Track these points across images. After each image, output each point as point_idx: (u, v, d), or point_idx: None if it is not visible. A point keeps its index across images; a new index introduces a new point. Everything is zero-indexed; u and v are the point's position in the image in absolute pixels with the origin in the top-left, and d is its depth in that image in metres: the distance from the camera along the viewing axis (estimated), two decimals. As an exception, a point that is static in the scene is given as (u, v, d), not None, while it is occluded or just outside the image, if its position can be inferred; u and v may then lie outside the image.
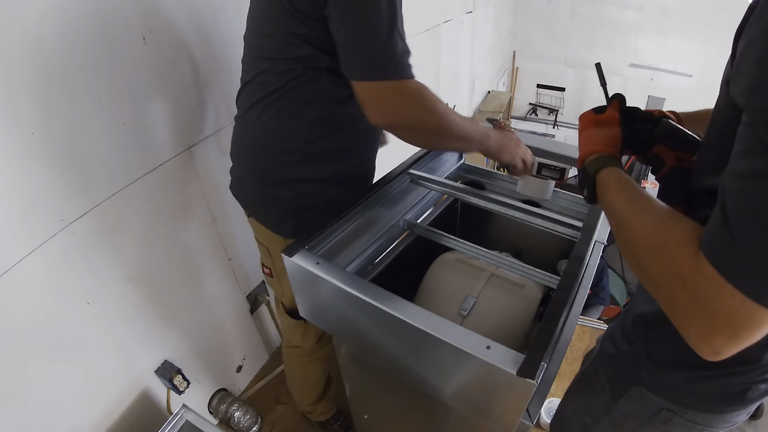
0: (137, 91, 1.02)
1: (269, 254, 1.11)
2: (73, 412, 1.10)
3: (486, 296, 1.05)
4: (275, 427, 1.69)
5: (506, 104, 4.49)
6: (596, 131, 0.67)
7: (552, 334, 0.66)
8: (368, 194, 1.00)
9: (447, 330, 0.67)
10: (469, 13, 3.35)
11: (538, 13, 4.84)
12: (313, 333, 1.23)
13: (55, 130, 0.88)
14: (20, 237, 0.89)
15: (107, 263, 1.08)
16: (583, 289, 0.91)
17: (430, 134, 0.83)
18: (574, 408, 0.89)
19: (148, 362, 1.29)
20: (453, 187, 1.10)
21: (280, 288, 1.17)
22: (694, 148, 0.62)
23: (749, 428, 1.74)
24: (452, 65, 3.31)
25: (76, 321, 1.04)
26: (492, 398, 0.70)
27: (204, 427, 1.18)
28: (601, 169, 0.60)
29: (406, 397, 1.03)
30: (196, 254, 1.36)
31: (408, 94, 0.77)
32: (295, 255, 0.82)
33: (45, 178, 0.89)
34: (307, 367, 1.38)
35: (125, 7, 0.94)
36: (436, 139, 0.85)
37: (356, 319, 0.82)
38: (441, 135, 0.83)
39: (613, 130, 0.67)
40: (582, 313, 0.95)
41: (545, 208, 1.20)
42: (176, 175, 1.20)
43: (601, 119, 0.68)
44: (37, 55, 0.81)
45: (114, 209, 1.05)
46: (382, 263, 1.12)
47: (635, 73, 4.63)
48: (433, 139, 0.86)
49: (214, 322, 1.52)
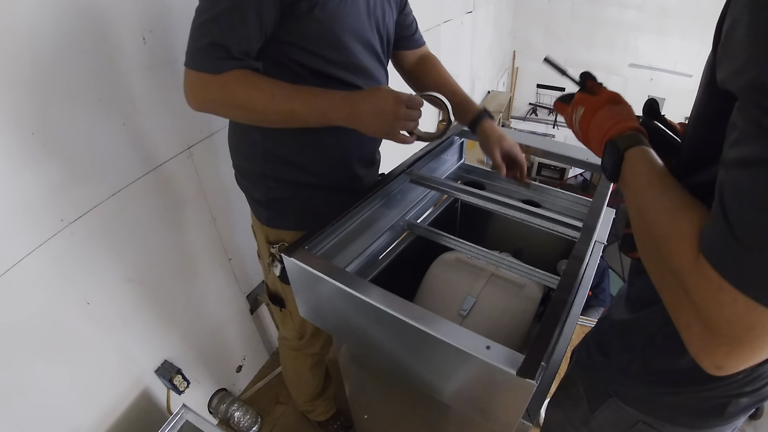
0: (137, 91, 1.02)
1: (255, 236, 1.15)
2: (73, 411, 1.10)
3: (486, 296, 1.05)
4: (275, 427, 1.69)
5: (506, 104, 4.49)
6: (617, 108, 0.61)
7: (552, 334, 0.66)
8: (368, 194, 1.00)
9: (447, 330, 0.67)
10: (469, 13, 3.35)
11: (538, 13, 4.84)
12: (291, 324, 1.24)
13: (55, 130, 0.88)
14: (20, 237, 0.89)
15: (107, 263, 1.08)
16: (583, 289, 0.91)
17: (238, 117, 0.84)
18: (557, 418, 0.87)
19: (148, 362, 1.29)
20: (453, 187, 1.10)
21: (264, 270, 1.19)
22: (675, 152, 0.58)
23: (749, 428, 1.74)
24: (452, 65, 3.31)
25: (76, 321, 1.04)
26: (492, 398, 0.70)
27: (204, 427, 1.18)
28: (632, 146, 0.54)
29: (405, 397, 1.03)
30: (196, 254, 1.36)
31: (193, 84, 0.76)
32: (295, 255, 0.82)
33: (45, 178, 0.89)
34: (297, 361, 1.38)
35: (125, 7, 0.94)
36: (247, 120, 0.84)
37: (356, 319, 0.82)
38: (248, 119, 0.83)
39: (629, 107, 0.61)
40: (582, 314, 0.94)
41: (545, 208, 1.20)
42: (176, 175, 1.20)
43: (612, 97, 0.62)
44: (37, 55, 0.81)
45: (114, 209, 1.05)
46: (382, 263, 1.12)
47: (635, 73, 4.64)
48: (247, 119, 0.85)
49: (214, 322, 1.52)
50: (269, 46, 0.80)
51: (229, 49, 0.73)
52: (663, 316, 0.57)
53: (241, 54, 0.75)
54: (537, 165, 5.26)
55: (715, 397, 0.60)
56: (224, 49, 0.73)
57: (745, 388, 0.58)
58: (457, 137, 1.31)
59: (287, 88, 0.79)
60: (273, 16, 0.75)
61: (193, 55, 0.75)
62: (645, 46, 4.49)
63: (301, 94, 0.79)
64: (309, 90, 0.80)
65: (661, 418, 0.65)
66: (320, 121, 0.81)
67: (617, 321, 0.69)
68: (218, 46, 0.73)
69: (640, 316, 0.63)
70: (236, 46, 0.73)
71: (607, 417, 0.72)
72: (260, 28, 0.74)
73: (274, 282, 1.15)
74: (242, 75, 0.75)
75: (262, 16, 0.73)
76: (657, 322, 0.60)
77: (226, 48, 0.73)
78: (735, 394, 0.59)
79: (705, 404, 0.61)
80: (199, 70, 0.75)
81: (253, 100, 0.77)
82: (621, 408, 0.68)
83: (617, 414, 0.70)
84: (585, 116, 0.64)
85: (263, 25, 0.74)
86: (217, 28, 0.72)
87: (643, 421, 0.67)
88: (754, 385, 0.58)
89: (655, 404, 0.65)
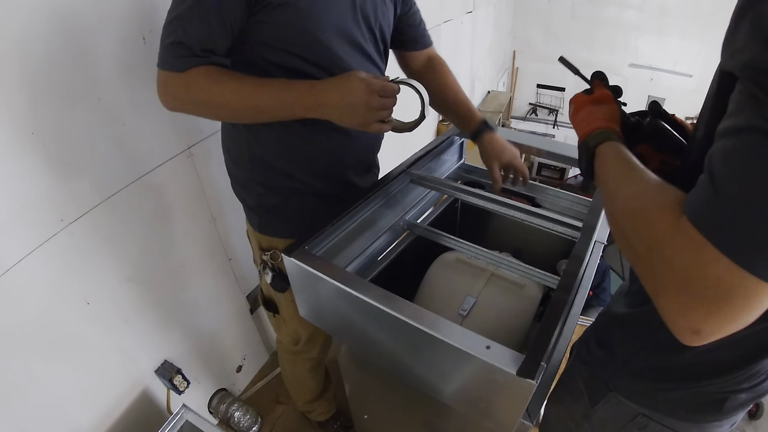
0: (137, 91, 1.02)
1: (249, 241, 1.14)
2: (73, 411, 1.10)
3: (486, 296, 1.05)
4: (275, 427, 1.69)
5: (506, 104, 4.49)
6: (595, 109, 0.65)
7: (552, 334, 0.66)
8: (368, 194, 1.00)
9: (447, 330, 0.67)
10: (469, 13, 3.35)
11: (538, 13, 4.84)
12: (285, 332, 1.23)
13: (55, 130, 0.88)
14: (20, 237, 0.89)
15: (107, 263, 1.08)
16: (583, 288, 0.91)
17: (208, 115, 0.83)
18: (557, 413, 0.87)
19: (148, 362, 1.29)
20: (453, 187, 1.10)
21: (259, 274, 1.17)
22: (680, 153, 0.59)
23: (749, 428, 1.74)
24: (452, 65, 3.30)
25: (76, 321, 1.04)
26: (492, 398, 0.70)
27: (204, 427, 1.18)
28: (601, 143, 0.58)
29: (405, 397, 1.03)
30: (196, 254, 1.36)
31: (161, 83, 0.76)
32: (295, 255, 0.82)
33: (45, 178, 0.89)
34: (295, 364, 1.38)
35: (125, 7, 0.94)
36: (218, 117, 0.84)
37: (356, 319, 0.82)
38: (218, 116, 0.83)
39: (611, 107, 0.65)
40: (582, 314, 0.94)
41: (545, 208, 1.20)
42: (176, 175, 1.20)
43: (596, 98, 0.66)
44: (37, 55, 0.81)
45: (114, 209, 1.05)
46: (382, 263, 1.12)
47: (635, 73, 4.64)
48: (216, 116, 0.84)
49: (214, 322, 1.52)
50: (244, 46, 0.78)
51: (191, 46, 0.72)
52: None
53: (203, 51, 0.73)
54: (537, 165, 5.26)
55: (714, 392, 0.60)
56: (187, 47, 0.72)
57: (743, 384, 0.59)
58: (457, 137, 1.31)
59: (252, 82, 0.76)
60: (238, 12, 0.73)
61: (160, 54, 0.74)
62: (645, 46, 4.49)
63: (265, 87, 0.77)
64: (275, 83, 0.77)
65: (660, 411, 0.66)
66: (289, 114, 0.78)
67: (618, 315, 0.70)
68: (181, 45, 0.72)
69: (643, 309, 0.63)
70: (198, 43, 0.72)
71: (607, 411, 0.72)
72: (223, 25, 0.73)
73: (268, 288, 1.13)
74: (206, 71, 0.74)
75: (225, 12, 0.72)
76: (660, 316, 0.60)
77: (188, 46, 0.72)
78: (733, 390, 0.59)
79: (703, 399, 0.61)
80: (164, 69, 0.74)
81: (217, 97, 0.75)
82: (621, 402, 0.69)
83: (618, 408, 0.70)
84: (572, 116, 0.69)
85: (226, 22, 0.73)
86: (180, 27, 0.72)
87: (642, 414, 0.68)
88: (752, 381, 0.59)
89: (654, 398, 0.66)
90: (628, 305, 0.68)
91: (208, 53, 0.74)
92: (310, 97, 0.76)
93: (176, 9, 0.72)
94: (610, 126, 0.61)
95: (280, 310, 1.17)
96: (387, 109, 0.77)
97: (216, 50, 0.75)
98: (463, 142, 1.36)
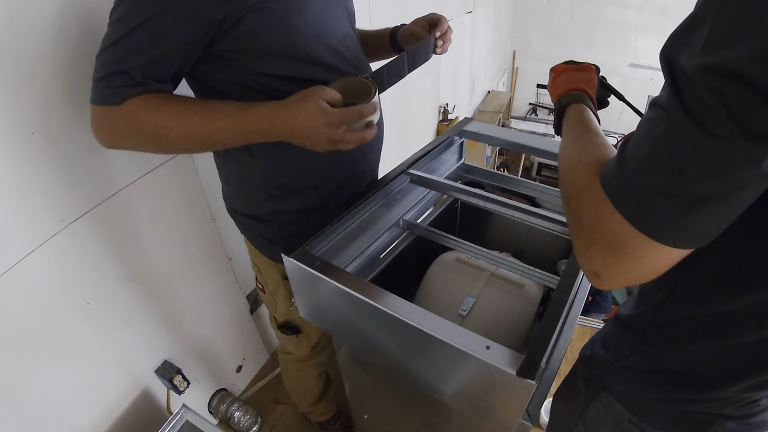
0: (137, 91, 1.02)
1: (261, 273, 1.11)
2: (73, 411, 1.10)
3: (486, 296, 1.05)
4: (275, 427, 1.69)
5: (506, 104, 4.49)
6: (575, 74, 0.71)
7: (552, 334, 0.66)
8: (368, 194, 1.00)
9: (447, 330, 0.67)
10: (469, 13, 3.35)
11: (538, 13, 4.85)
12: (306, 344, 1.22)
13: (54, 130, 0.88)
14: (20, 237, 0.89)
15: (107, 263, 1.08)
16: (583, 289, 0.91)
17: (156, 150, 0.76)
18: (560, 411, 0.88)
19: (148, 362, 1.29)
20: (453, 187, 1.10)
21: (273, 304, 1.15)
22: None
23: (749, 428, 1.74)
24: (452, 65, 3.31)
25: (76, 321, 1.04)
26: (492, 398, 0.70)
27: (204, 427, 1.18)
28: (571, 104, 0.64)
29: (405, 397, 1.03)
30: (196, 254, 1.36)
31: (95, 119, 0.69)
32: (295, 255, 0.82)
33: (45, 178, 0.89)
34: (302, 373, 1.38)
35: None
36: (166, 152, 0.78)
37: (356, 319, 0.82)
38: (166, 150, 0.77)
39: (591, 75, 0.70)
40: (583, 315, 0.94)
41: (545, 208, 1.20)
42: (176, 175, 1.21)
43: (579, 66, 0.72)
44: (37, 54, 0.81)
45: (114, 209, 1.05)
46: (382, 263, 1.12)
47: (635, 73, 4.64)
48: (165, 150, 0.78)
49: (214, 322, 1.52)
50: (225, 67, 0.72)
51: (130, 73, 0.65)
52: (656, 308, 0.58)
53: (144, 78, 0.66)
54: (537, 165, 5.26)
55: (697, 412, 0.59)
56: (126, 75, 0.65)
57: (728, 408, 0.57)
58: (457, 137, 1.31)
59: (203, 108, 0.69)
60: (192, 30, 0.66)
61: (93, 89, 0.67)
62: (645, 46, 4.49)
63: (217, 116, 0.69)
64: (228, 109, 0.70)
65: (645, 420, 0.66)
66: (246, 143, 0.73)
67: (621, 315, 0.70)
68: (119, 74, 0.65)
69: (641, 310, 0.64)
70: (139, 69, 0.65)
71: (599, 412, 0.72)
72: (171, 47, 0.66)
73: (288, 312, 1.11)
74: (146, 100, 0.66)
75: (175, 34, 0.65)
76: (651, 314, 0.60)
77: (127, 73, 0.65)
78: (719, 414, 0.58)
79: (687, 418, 0.61)
80: (99, 104, 0.67)
81: (162, 128, 0.68)
82: (611, 404, 0.69)
83: (608, 410, 0.70)
84: (551, 82, 0.74)
85: (178, 44, 0.66)
86: (115, 55, 0.64)
87: (629, 420, 0.67)
88: (740, 409, 0.57)
89: (641, 404, 0.65)
90: (630, 308, 0.68)
91: (149, 80, 0.66)
92: (269, 127, 0.71)
93: (112, 36, 0.65)
94: (586, 90, 0.66)
95: (303, 329, 1.17)
96: (352, 142, 0.73)
97: (159, 76, 0.67)
98: (463, 142, 1.36)
